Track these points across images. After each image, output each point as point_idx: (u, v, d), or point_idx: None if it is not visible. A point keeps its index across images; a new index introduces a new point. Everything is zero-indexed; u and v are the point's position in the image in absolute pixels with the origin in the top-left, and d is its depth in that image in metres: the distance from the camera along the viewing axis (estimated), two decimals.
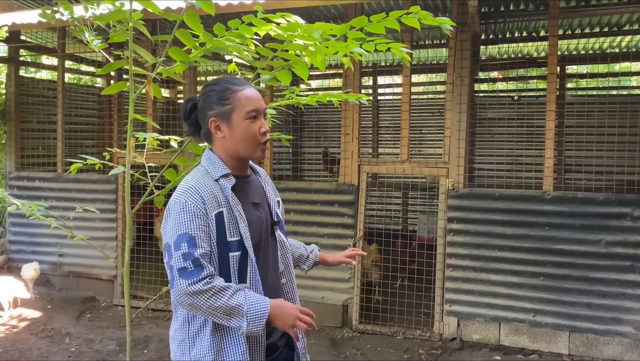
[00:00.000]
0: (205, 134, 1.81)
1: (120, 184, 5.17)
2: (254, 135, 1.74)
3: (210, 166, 1.76)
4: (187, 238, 1.62)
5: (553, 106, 4.01)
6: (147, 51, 2.39)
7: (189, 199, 1.66)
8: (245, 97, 1.74)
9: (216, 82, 1.80)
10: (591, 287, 3.94)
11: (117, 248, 5.22)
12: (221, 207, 1.70)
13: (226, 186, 1.72)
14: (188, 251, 1.61)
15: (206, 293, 1.58)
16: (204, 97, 1.79)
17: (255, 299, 1.61)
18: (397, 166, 4.39)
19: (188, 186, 1.69)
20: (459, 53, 4.20)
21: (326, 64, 2.43)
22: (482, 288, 4.20)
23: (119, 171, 2.70)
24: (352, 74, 4.40)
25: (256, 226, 1.78)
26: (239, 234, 1.70)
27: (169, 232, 1.66)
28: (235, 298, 1.59)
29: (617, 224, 3.87)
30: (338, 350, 4.14)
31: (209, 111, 1.75)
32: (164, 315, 4.90)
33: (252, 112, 1.73)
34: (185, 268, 1.60)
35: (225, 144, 1.76)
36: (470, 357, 4.04)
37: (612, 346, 3.95)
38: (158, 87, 2.45)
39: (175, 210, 1.66)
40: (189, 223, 1.63)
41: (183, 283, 1.59)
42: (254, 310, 1.59)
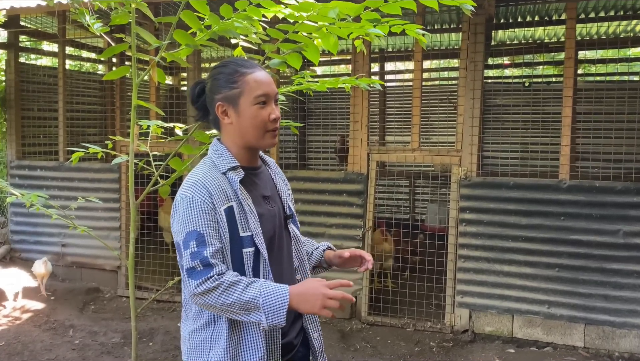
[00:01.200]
0: (214, 120, 1.70)
1: (124, 173, 5.07)
2: (262, 121, 1.61)
3: (217, 158, 1.65)
4: (196, 236, 1.51)
5: (570, 92, 3.87)
6: (150, 34, 2.27)
7: (195, 194, 1.54)
8: (255, 81, 1.61)
9: (225, 64, 1.68)
10: (608, 278, 3.83)
11: (120, 238, 5.13)
12: (230, 201, 1.59)
13: (234, 180, 1.61)
14: (197, 249, 1.50)
15: (216, 290, 1.48)
16: (211, 79, 1.67)
17: (272, 289, 1.49)
18: (408, 155, 4.26)
19: (194, 180, 1.58)
20: (473, 37, 4.05)
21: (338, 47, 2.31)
22: (495, 279, 4.09)
23: (122, 160, 2.59)
24: (363, 58, 4.26)
25: (269, 220, 1.66)
26: (250, 230, 1.59)
27: (177, 230, 1.55)
28: (249, 291, 1.48)
29: (636, 214, 3.75)
30: (347, 343, 4.05)
31: (216, 95, 1.64)
32: (169, 306, 4.82)
33: (261, 97, 1.60)
34: (194, 268, 1.50)
35: (233, 131, 1.64)
36: (483, 350, 3.94)
37: (629, 339, 3.85)
38: (162, 72, 2.33)
39: (182, 206, 1.55)
40: (196, 220, 1.52)
41: (192, 283, 1.49)
42: (271, 301, 1.47)
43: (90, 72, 8.01)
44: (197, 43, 2.22)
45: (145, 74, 2.30)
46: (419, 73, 4.22)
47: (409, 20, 2.16)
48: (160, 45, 2.20)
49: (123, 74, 2.37)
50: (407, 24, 2.15)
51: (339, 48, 6.70)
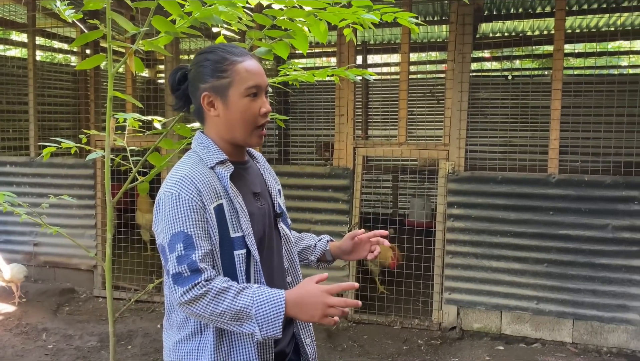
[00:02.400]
0: (197, 111, 1.55)
1: (99, 169, 4.86)
2: (253, 115, 1.48)
3: (203, 151, 1.50)
4: (183, 238, 1.37)
5: (559, 85, 3.81)
6: (127, 20, 2.11)
7: (182, 190, 1.39)
8: (246, 70, 1.47)
9: (211, 50, 1.52)
10: (597, 273, 3.79)
11: (96, 236, 4.93)
12: (220, 198, 1.44)
13: (224, 175, 1.47)
14: (184, 253, 1.36)
15: (204, 298, 1.34)
16: (196, 66, 1.52)
17: (265, 297, 1.33)
18: (395, 149, 4.16)
19: (180, 175, 1.43)
20: (461, 28, 3.96)
21: (327, 36, 2.18)
22: (484, 275, 4.03)
23: (97, 156, 2.42)
24: (348, 50, 4.14)
25: (259, 219, 1.53)
26: (242, 230, 1.46)
27: (161, 231, 1.40)
28: (240, 299, 1.33)
29: (625, 208, 3.72)
30: (334, 342, 3.95)
31: (202, 84, 1.49)
32: (148, 307, 4.64)
33: (252, 89, 1.46)
34: (180, 274, 1.35)
35: (219, 125, 1.50)
36: (472, 347, 3.88)
37: (617, 334, 3.82)
38: (140, 61, 2.17)
39: (167, 205, 1.40)
40: (184, 219, 1.38)
41: (178, 290, 1.35)
42: (264, 311, 1.32)
43: (62, 64, 7.72)
44: (178, 31, 2.06)
45: (122, 63, 2.13)
46: (406, 65, 4.12)
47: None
48: (137, 33, 2.04)
49: (97, 63, 2.20)
50: (399, 12, 2.04)
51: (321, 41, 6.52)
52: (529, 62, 8.22)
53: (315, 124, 6.36)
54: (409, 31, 4.13)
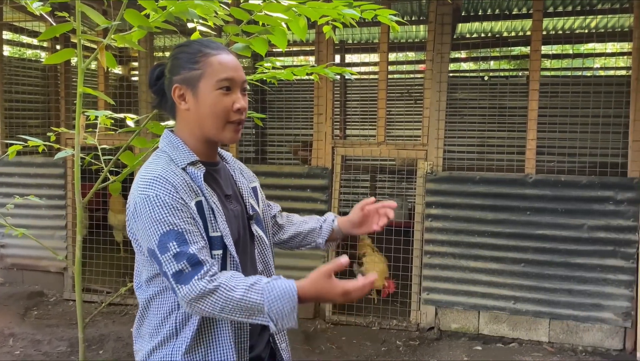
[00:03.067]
0: (170, 105, 1.49)
1: (70, 168, 4.71)
2: (223, 110, 1.40)
3: (173, 151, 1.43)
4: (175, 235, 1.29)
5: (537, 85, 3.83)
6: (98, 14, 2.02)
7: (159, 191, 1.32)
8: (219, 63, 1.41)
9: (188, 44, 1.48)
10: (572, 273, 3.82)
11: (67, 237, 4.78)
12: (199, 196, 1.38)
13: (197, 175, 1.40)
14: (180, 250, 1.28)
15: (212, 296, 1.26)
16: (172, 59, 1.46)
17: (277, 292, 1.26)
18: (374, 149, 4.13)
19: (153, 176, 1.35)
20: (440, 28, 3.95)
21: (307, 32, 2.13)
22: (461, 275, 4.03)
23: (67, 154, 2.33)
24: (327, 48, 4.09)
25: (232, 221, 1.47)
26: (219, 230, 1.40)
27: (146, 236, 1.32)
28: (250, 296, 1.26)
29: (600, 208, 3.76)
30: (312, 344, 3.90)
31: (175, 76, 1.43)
32: (120, 310, 4.52)
33: (224, 82, 1.40)
34: (181, 271, 1.27)
35: (190, 119, 1.43)
36: (450, 348, 3.87)
37: (592, 333, 3.86)
38: (112, 57, 2.08)
39: (146, 208, 1.31)
40: (170, 218, 1.30)
41: (183, 289, 1.27)
42: (277, 308, 1.25)
43: (32, 59, 7.49)
44: (152, 25, 1.98)
45: (93, 57, 2.04)
46: (385, 65, 4.09)
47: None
48: (109, 27, 1.96)
49: (66, 57, 2.10)
50: (379, 9, 2.00)
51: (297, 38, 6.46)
52: (505, 63, 8.31)
53: (293, 123, 6.29)
54: (388, 30, 4.11)
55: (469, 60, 7.98)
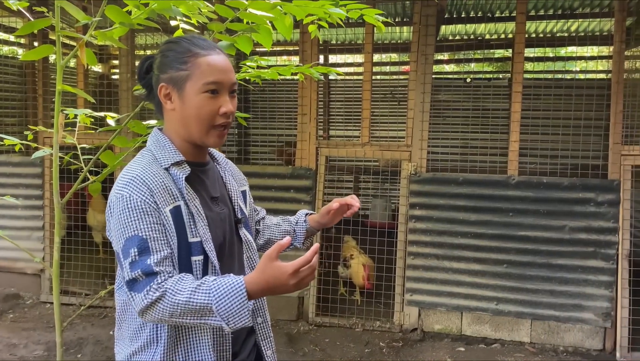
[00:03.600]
0: (157, 103, 1.46)
1: (47, 168, 4.61)
2: (209, 114, 1.37)
3: (158, 150, 1.40)
4: (137, 242, 1.27)
5: (520, 87, 3.85)
6: (78, 9, 1.96)
7: (133, 192, 1.29)
8: (208, 65, 1.37)
9: (177, 40, 1.43)
10: (554, 274, 3.86)
11: (44, 238, 4.67)
12: (177, 200, 1.35)
13: (179, 177, 1.37)
14: (138, 258, 1.26)
15: (160, 302, 1.23)
16: (160, 56, 1.43)
17: (224, 290, 1.22)
18: (358, 149, 4.12)
19: (131, 176, 1.32)
20: (424, 29, 3.95)
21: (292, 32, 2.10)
22: (445, 276, 4.04)
23: (44, 153, 2.26)
24: (311, 48, 4.06)
25: (218, 225, 1.44)
26: (199, 235, 1.36)
27: (115, 236, 1.31)
28: (197, 297, 1.22)
29: (581, 210, 3.80)
30: (295, 346, 3.87)
31: (162, 74, 1.40)
32: (99, 312, 4.43)
33: (211, 85, 1.36)
34: (135, 280, 1.26)
35: (175, 120, 1.41)
36: (433, 349, 3.87)
37: (573, 333, 3.90)
38: (92, 54, 2.03)
39: (118, 208, 1.30)
40: (137, 222, 1.28)
41: (136, 297, 1.26)
42: (225, 306, 1.21)
43: (8, 56, 7.31)
44: (134, 22, 1.94)
45: (72, 54, 1.99)
46: (369, 65, 4.08)
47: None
48: (88, 23, 1.90)
49: (45, 54, 2.04)
50: (365, 8, 1.98)
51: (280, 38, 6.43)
52: (487, 65, 8.38)
53: (276, 124, 6.25)
54: (373, 31, 4.10)
55: (452, 62, 8.02)
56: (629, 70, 6.16)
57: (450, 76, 8.10)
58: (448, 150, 6.58)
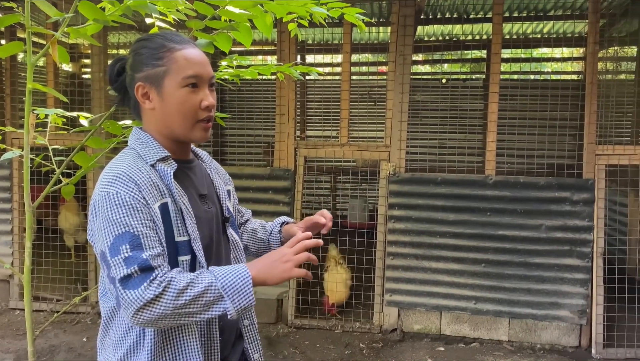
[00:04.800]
0: (134, 104, 1.39)
1: (16, 170, 4.46)
2: (191, 109, 1.33)
3: (142, 147, 1.34)
4: (129, 238, 1.19)
5: (497, 88, 3.89)
6: (49, 5, 1.88)
7: (121, 189, 1.23)
8: (185, 59, 1.32)
9: (150, 38, 1.38)
10: (531, 272, 3.90)
11: (13, 243, 4.52)
12: (165, 197, 1.29)
13: (167, 172, 1.31)
14: (132, 253, 1.18)
15: (165, 294, 1.16)
16: (133, 55, 1.37)
17: (226, 270, 1.23)
18: (337, 150, 4.09)
19: (116, 172, 1.26)
20: (402, 30, 3.95)
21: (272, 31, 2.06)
22: (424, 276, 4.04)
23: (14, 155, 2.17)
24: (289, 48, 4.02)
25: (206, 223, 1.39)
26: (187, 233, 1.31)
27: (101, 236, 1.22)
28: (201, 279, 1.20)
29: (557, 209, 3.85)
30: (275, 350, 3.82)
31: (137, 73, 1.34)
32: (72, 318, 4.30)
33: (190, 79, 1.32)
34: (129, 276, 1.17)
35: (156, 119, 1.35)
36: (413, 349, 3.88)
37: (550, 331, 3.95)
38: (65, 51, 1.95)
39: (104, 206, 1.22)
40: (127, 218, 1.20)
41: (132, 295, 1.16)
42: (230, 281, 1.20)
43: None
44: (108, 19, 1.87)
45: (44, 51, 1.90)
46: (348, 65, 4.06)
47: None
48: (60, 21, 1.83)
49: (14, 51, 1.95)
50: (346, 7, 1.96)
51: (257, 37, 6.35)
52: (462, 66, 8.45)
53: (253, 124, 6.18)
54: (351, 31, 4.08)
55: (428, 62, 8.08)
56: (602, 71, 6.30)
57: (427, 76, 8.15)
58: (426, 150, 6.60)
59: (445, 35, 6.89)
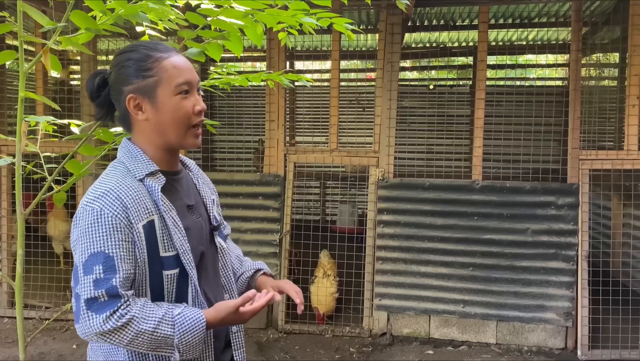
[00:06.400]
0: (122, 117, 1.41)
1: (4, 177, 4.44)
2: (185, 115, 1.36)
3: (131, 162, 1.36)
4: (103, 259, 1.23)
5: (483, 94, 3.96)
6: (41, 14, 1.91)
7: (105, 206, 1.26)
8: (174, 67, 1.35)
9: (132, 49, 1.39)
10: (518, 276, 3.96)
11: (1, 250, 4.49)
12: (152, 215, 1.32)
13: (155, 188, 1.34)
14: (103, 276, 1.23)
15: (124, 330, 1.23)
16: (117, 68, 1.38)
17: (188, 324, 1.29)
18: (327, 155, 4.13)
19: (105, 189, 1.29)
20: (390, 37, 4.01)
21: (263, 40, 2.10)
22: (413, 280, 4.09)
23: (5, 163, 2.18)
24: (278, 55, 4.06)
25: (195, 234, 1.42)
26: (175, 248, 1.34)
27: (78, 249, 1.27)
28: (162, 328, 1.26)
29: (543, 213, 3.92)
30: (265, 354, 3.84)
31: (126, 86, 1.35)
32: (61, 326, 4.29)
33: (183, 86, 1.35)
34: (95, 299, 1.22)
35: (149, 129, 1.37)
36: (402, 353, 3.92)
37: (536, 333, 4.01)
38: (57, 59, 1.98)
39: (87, 221, 1.26)
40: (105, 239, 1.24)
41: (93, 319, 1.22)
42: (186, 340, 1.29)
43: None
44: (100, 27, 1.89)
45: (36, 60, 1.93)
46: (337, 72, 4.11)
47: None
48: (52, 29, 1.85)
49: (8, 59, 1.97)
50: (335, 17, 2.00)
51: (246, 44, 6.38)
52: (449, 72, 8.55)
53: (242, 130, 6.21)
54: (340, 38, 4.13)
55: (415, 69, 8.16)
56: (586, 77, 6.42)
57: (414, 83, 8.24)
58: (414, 156, 6.68)
59: (432, 43, 6.98)
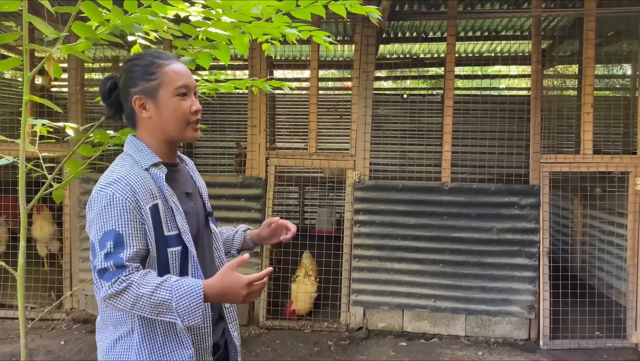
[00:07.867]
0: (129, 115, 1.63)
1: None
2: (184, 114, 1.58)
3: (137, 154, 1.58)
4: (114, 236, 1.44)
5: (451, 102, 4.24)
6: (46, 24, 2.10)
7: (117, 191, 1.47)
8: (174, 72, 1.59)
9: (139, 57, 1.63)
10: (485, 271, 4.23)
11: None
12: (156, 199, 1.53)
13: (159, 176, 1.56)
14: (113, 250, 1.43)
15: (125, 293, 1.41)
16: (126, 73, 1.61)
17: (184, 290, 1.41)
18: (306, 159, 4.36)
19: (116, 176, 1.50)
20: (365, 49, 4.27)
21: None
22: (387, 276, 4.33)
23: (7, 162, 2.35)
24: (260, 64, 4.29)
25: (193, 218, 1.64)
26: (177, 228, 1.55)
27: (93, 228, 1.47)
28: (160, 293, 1.41)
29: (507, 213, 4.20)
30: (248, 348, 4.02)
31: (132, 88, 1.58)
32: (47, 325, 4.40)
33: (181, 88, 1.58)
34: (106, 269, 1.42)
35: (152, 125, 1.60)
36: (377, 345, 4.14)
37: (502, 326, 4.28)
38: (58, 66, 2.17)
39: (100, 204, 1.46)
40: (116, 219, 1.45)
41: (104, 285, 1.42)
42: (184, 304, 1.41)
43: None
44: (98, 37, 2.10)
45: (40, 66, 2.13)
46: (315, 81, 4.35)
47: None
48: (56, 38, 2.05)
49: (14, 65, 2.16)
50: (315, 30, 2.24)
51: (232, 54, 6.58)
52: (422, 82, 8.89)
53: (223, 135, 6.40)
54: (318, 49, 4.38)
55: (390, 79, 8.47)
56: (549, 87, 6.79)
57: (389, 92, 8.54)
58: (388, 160, 6.95)
59: (405, 54, 7.30)
